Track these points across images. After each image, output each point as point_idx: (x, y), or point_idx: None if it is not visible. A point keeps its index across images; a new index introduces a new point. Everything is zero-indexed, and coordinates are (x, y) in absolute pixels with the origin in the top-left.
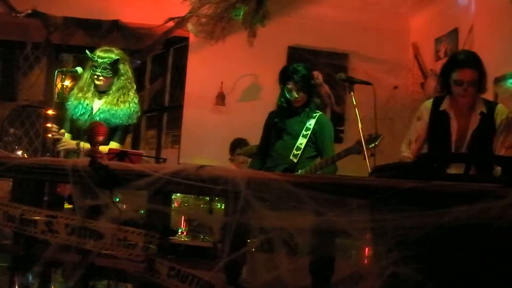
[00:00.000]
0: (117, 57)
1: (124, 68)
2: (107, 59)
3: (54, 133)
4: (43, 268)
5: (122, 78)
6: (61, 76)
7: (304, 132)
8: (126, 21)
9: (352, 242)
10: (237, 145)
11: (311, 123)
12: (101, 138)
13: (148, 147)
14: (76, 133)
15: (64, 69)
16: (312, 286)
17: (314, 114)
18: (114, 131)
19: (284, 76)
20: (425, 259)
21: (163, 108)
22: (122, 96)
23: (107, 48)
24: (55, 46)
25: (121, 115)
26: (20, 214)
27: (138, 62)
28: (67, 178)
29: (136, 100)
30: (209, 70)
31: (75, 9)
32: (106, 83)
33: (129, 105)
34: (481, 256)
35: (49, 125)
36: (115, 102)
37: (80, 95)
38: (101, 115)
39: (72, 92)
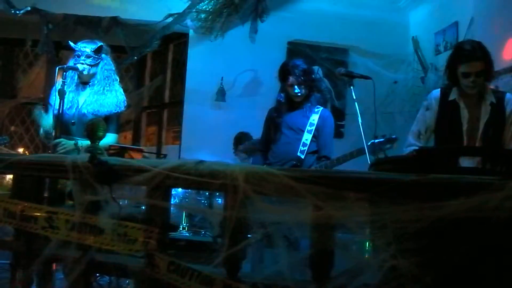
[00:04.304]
0: (100, 44)
1: (107, 58)
2: (89, 48)
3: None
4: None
5: (106, 67)
6: (62, 73)
7: (308, 128)
8: (126, 18)
9: (352, 236)
10: (241, 139)
11: (315, 118)
12: (101, 134)
13: (149, 143)
14: (63, 128)
15: (65, 66)
16: (312, 280)
17: (317, 109)
18: (106, 122)
19: (284, 72)
20: (424, 252)
21: (163, 104)
22: (107, 86)
23: (89, 40)
24: (54, 43)
25: (108, 104)
26: (20, 210)
27: (136, 58)
28: (67, 174)
29: (121, 90)
30: (209, 65)
31: (74, 6)
32: (89, 71)
33: (116, 93)
34: (480, 249)
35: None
36: (101, 91)
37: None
38: (89, 107)
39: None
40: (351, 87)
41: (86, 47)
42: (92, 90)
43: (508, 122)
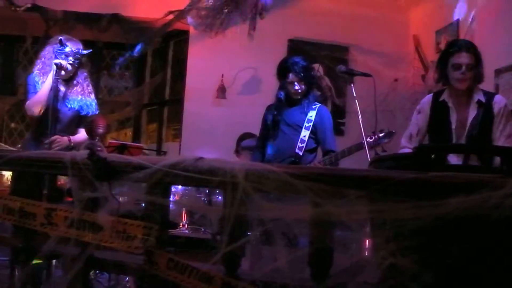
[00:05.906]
0: (88, 50)
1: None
2: (78, 48)
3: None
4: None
5: (85, 69)
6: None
7: (306, 124)
8: (126, 15)
9: (352, 234)
10: (245, 140)
11: (312, 115)
12: (101, 131)
13: (149, 141)
14: (45, 120)
15: (59, 63)
16: (311, 277)
17: (314, 106)
18: (81, 119)
19: (284, 69)
20: (424, 250)
21: (163, 101)
22: (88, 87)
23: (70, 37)
24: None
25: (92, 105)
26: (19, 207)
27: (137, 55)
28: (66, 171)
29: None
30: (209, 63)
31: (75, 3)
32: (71, 72)
33: (94, 96)
34: (480, 247)
35: None
36: (85, 92)
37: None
38: (74, 104)
39: (36, 78)
40: (352, 85)
41: (77, 48)
42: (74, 88)
43: (497, 121)
